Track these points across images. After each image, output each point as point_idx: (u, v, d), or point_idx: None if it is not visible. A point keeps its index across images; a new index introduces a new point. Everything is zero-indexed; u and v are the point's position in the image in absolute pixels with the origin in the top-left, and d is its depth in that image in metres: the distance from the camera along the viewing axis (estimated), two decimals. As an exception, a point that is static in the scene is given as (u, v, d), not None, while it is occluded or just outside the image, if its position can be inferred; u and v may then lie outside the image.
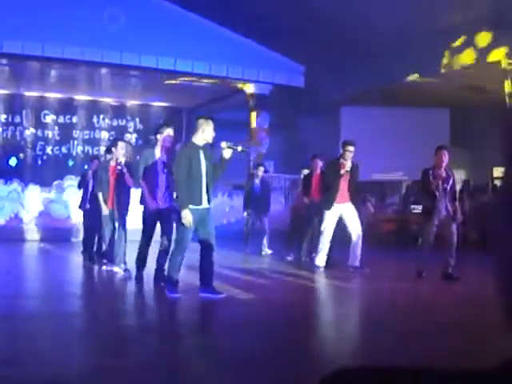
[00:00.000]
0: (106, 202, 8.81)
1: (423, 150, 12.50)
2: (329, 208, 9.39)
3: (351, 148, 9.39)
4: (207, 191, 6.63)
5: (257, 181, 12.31)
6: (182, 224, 6.49)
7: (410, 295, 7.60)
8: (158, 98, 19.42)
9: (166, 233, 7.72)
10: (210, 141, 6.73)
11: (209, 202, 6.67)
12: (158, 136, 7.76)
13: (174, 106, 20.04)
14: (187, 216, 6.42)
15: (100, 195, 8.87)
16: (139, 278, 7.81)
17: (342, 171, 9.26)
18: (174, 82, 16.60)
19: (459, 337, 5.19)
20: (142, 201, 7.80)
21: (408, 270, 8.98)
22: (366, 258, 9.47)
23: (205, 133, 6.62)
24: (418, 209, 15.41)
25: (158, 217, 7.72)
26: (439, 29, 13.15)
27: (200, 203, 6.55)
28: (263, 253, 12.01)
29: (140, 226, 8.03)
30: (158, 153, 7.70)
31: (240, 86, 16.81)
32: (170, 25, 14.94)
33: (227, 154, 6.58)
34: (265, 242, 12.10)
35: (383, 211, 15.73)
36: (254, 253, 11.82)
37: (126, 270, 8.42)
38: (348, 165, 9.27)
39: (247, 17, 14.68)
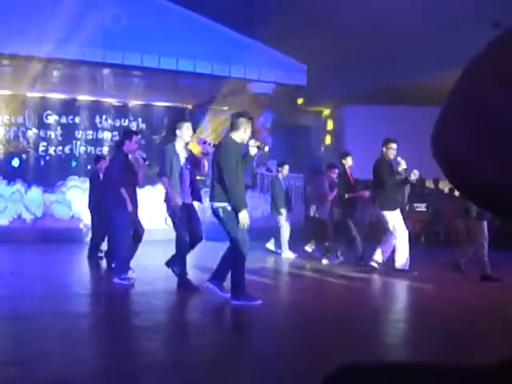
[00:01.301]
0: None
1: (428, 149, 12.44)
2: (394, 208, 9.25)
3: (394, 145, 9.32)
4: None
5: (281, 178, 12.25)
6: (237, 225, 6.31)
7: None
8: (161, 98, 19.41)
9: (196, 229, 7.52)
10: (246, 142, 6.64)
11: None
12: (178, 131, 7.59)
13: (176, 105, 20.03)
14: (246, 217, 6.30)
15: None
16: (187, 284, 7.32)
17: (401, 169, 9.12)
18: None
19: None
20: (166, 198, 7.53)
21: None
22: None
23: (246, 132, 6.56)
24: (421, 207, 15.43)
25: (186, 212, 7.49)
26: (442, 26, 13.12)
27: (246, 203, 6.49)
28: (286, 253, 11.70)
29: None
30: (179, 148, 7.57)
31: (243, 84, 16.77)
32: (171, 24, 14.93)
33: (253, 151, 6.54)
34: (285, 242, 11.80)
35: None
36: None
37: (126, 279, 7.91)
38: (403, 163, 9.12)
39: (249, 16, 14.66)
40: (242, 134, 6.55)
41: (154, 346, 4.82)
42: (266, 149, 6.86)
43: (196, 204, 7.76)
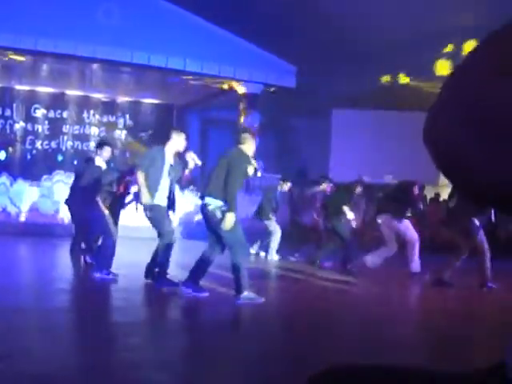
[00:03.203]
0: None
1: (413, 154, 12.58)
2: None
3: None
4: None
5: (279, 190, 12.33)
6: (230, 228, 6.48)
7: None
8: (149, 95, 19.39)
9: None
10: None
11: None
12: (175, 135, 7.63)
13: (164, 103, 20.02)
14: (233, 219, 6.46)
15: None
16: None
17: None
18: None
19: None
20: (138, 195, 7.62)
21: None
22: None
23: (251, 147, 6.92)
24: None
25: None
26: (432, 33, 13.23)
27: None
28: (273, 256, 11.84)
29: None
30: (168, 153, 7.57)
31: (231, 85, 16.79)
32: (163, 22, 14.93)
33: (250, 171, 6.82)
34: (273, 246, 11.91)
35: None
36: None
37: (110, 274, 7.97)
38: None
39: (240, 16, 14.71)
40: (248, 147, 6.88)
41: (137, 342, 4.84)
42: (259, 174, 7.16)
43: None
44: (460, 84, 0.66)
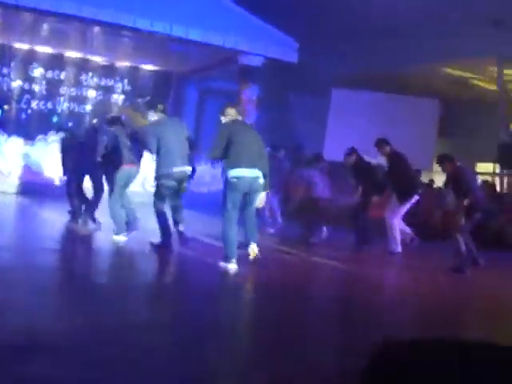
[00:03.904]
0: None
1: (410, 140, 12.59)
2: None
3: None
4: None
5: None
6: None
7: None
8: (149, 61, 19.22)
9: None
10: None
11: None
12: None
13: (164, 69, 19.86)
14: None
15: None
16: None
17: None
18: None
19: None
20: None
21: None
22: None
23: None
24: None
25: None
26: (443, 19, 13.15)
27: None
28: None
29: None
30: None
31: (232, 55, 16.63)
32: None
33: None
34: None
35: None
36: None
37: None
38: None
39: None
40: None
41: (128, 305, 4.87)
42: None
43: None
44: None
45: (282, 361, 3.67)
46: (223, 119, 7.15)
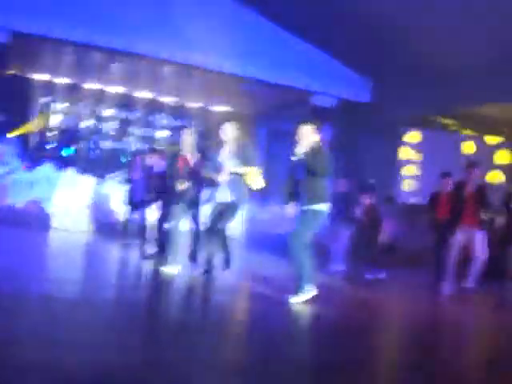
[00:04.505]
0: None
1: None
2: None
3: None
4: None
5: None
6: None
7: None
8: (219, 102, 19.19)
9: None
10: None
11: None
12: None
13: (234, 111, 19.78)
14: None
15: None
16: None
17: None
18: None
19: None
20: None
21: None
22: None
23: None
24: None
25: None
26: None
27: None
28: None
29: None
30: None
31: (305, 96, 16.40)
32: (238, 26, 14.55)
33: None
34: None
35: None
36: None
37: None
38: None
39: (316, 26, 14.33)
40: None
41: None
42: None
43: None
44: None
45: None
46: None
